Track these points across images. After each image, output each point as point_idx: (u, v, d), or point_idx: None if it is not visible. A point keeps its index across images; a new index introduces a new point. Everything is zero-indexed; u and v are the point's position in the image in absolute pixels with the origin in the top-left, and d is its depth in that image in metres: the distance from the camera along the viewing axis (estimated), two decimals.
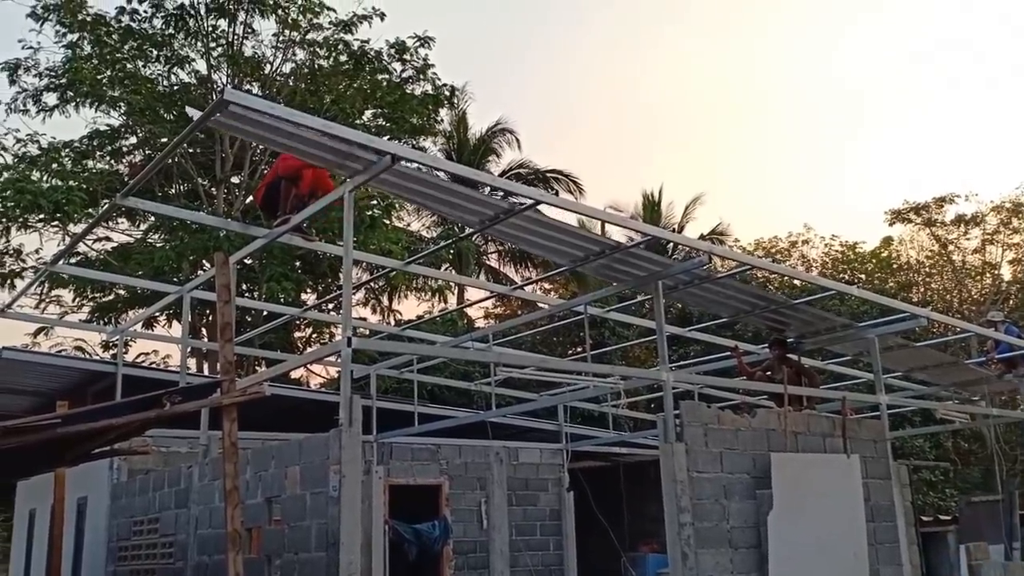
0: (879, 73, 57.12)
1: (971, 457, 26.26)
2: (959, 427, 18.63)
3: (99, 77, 20.43)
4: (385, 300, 25.22)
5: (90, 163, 21.50)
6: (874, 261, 32.67)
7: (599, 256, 8.56)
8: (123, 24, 20.79)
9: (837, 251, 32.52)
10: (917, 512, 15.12)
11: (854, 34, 58.67)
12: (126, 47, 20.87)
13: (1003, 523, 16.87)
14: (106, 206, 16.60)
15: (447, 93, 23.28)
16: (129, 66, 20.91)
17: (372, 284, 22.66)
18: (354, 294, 19.27)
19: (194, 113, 7.04)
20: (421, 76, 22.51)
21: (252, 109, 6.20)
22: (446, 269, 27.48)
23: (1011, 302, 30.16)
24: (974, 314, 27.52)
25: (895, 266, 32.83)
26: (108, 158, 21.96)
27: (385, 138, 20.08)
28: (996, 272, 31.95)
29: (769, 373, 11.17)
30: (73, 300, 21.68)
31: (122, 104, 20.73)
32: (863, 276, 31.01)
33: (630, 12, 57.74)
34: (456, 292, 26.43)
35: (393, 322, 23.99)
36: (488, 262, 29.93)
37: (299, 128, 6.62)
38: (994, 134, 55.15)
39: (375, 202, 20.08)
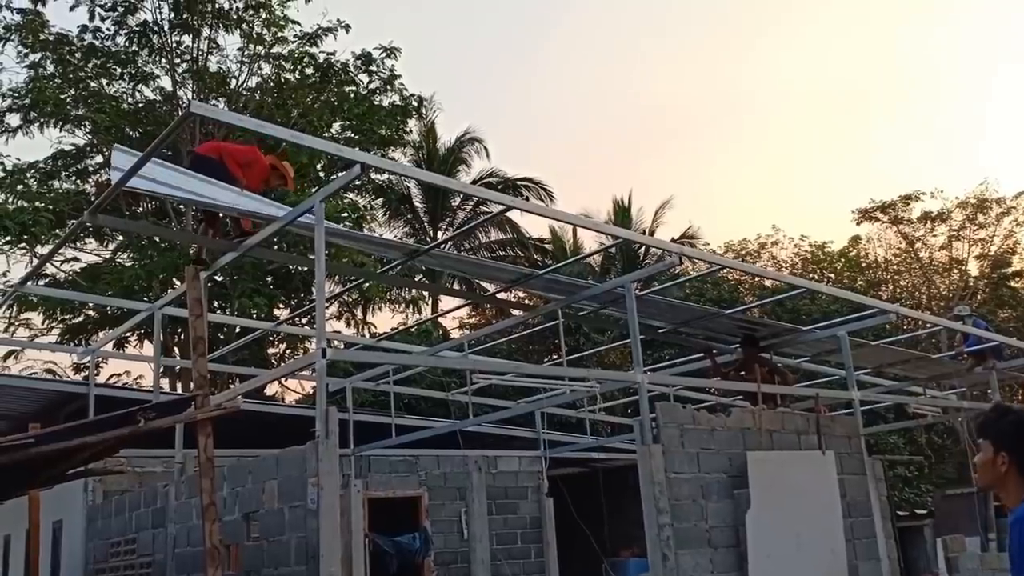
0: (844, 76, 57.91)
1: (945, 452, 26.56)
2: (932, 422, 18.84)
3: (63, 96, 20.22)
4: (359, 313, 25.11)
5: (56, 183, 21.24)
6: (843, 260, 32.99)
7: (528, 278, 9.11)
8: (86, 42, 20.57)
9: (806, 251, 32.82)
10: (893, 508, 15.26)
11: (819, 39, 59.48)
12: (89, 65, 20.65)
13: (978, 515, 17.05)
14: (73, 225, 16.40)
15: (415, 103, 23.27)
16: (93, 84, 20.71)
17: (346, 297, 22.56)
18: (327, 307, 19.16)
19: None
20: (388, 87, 22.50)
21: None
22: (419, 279, 27.41)
23: (979, 297, 30.59)
24: (943, 310, 27.87)
25: (863, 264, 33.18)
26: (74, 178, 21.71)
27: (354, 150, 20.00)
28: (963, 268, 32.41)
29: (743, 373, 11.26)
30: (42, 322, 21.39)
31: (87, 123, 20.52)
32: (832, 275, 31.32)
33: (597, 22, 58.18)
34: (430, 303, 26.38)
35: (368, 335, 23.88)
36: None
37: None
38: (959, 130, 56.08)
39: (346, 214, 20.02)
